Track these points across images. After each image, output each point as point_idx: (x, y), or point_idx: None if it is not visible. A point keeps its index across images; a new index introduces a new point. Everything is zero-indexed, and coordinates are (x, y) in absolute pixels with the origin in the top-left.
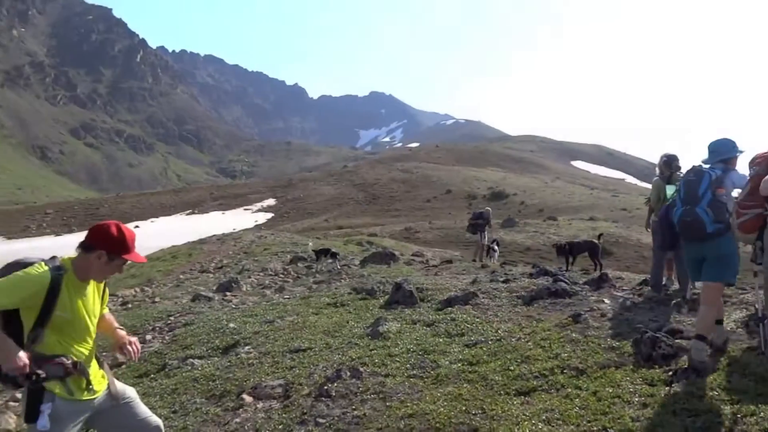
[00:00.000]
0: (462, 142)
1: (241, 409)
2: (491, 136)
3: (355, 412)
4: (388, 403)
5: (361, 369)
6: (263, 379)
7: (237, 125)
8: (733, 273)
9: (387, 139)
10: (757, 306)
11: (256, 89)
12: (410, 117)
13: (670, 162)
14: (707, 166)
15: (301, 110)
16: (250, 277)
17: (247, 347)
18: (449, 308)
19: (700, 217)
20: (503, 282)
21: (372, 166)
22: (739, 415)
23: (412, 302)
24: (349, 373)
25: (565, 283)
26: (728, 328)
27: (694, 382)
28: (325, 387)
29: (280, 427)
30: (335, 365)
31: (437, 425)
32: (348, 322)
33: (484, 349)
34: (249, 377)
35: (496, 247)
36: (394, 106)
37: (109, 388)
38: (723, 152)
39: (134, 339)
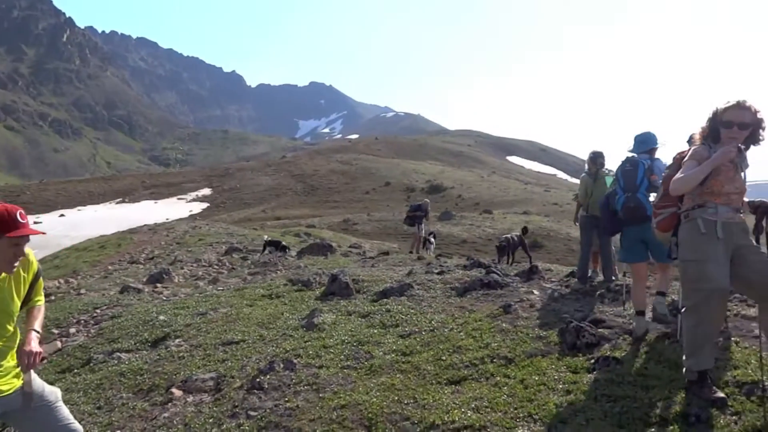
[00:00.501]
0: (402, 135)
1: (170, 404)
2: (430, 130)
3: (288, 404)
4: (321, 395)
5: (295, 361)
6: (194, 373)
7: (171, 112)
8: (666, 255)
9: (326, 130)
10: (674, 297)
11: (192, 75)
12: (350, 108)
13: (596, 159)
14: (635, 155)
15: (238, 98)
16: (182, 269)
17: (177, 340)
18: (385, 299)
19: (642, 201)
20: (438, 274)
21: (311, 157)
22: (653, 400)
23: (348, 293)
24: (282, 365)
25: (497, 275)
26: (648, 318)
27: (614, 369)
28: (258, 379)
29: (210, 420)
30: (269, 357)
31: (369, 415)
32: (283, 314)
33: (418, 339)
34: (179, 371)
35: (432, 240)
36: (334, 97)
37: (23, 387)
38: (648, 143)
39: (36, 349)
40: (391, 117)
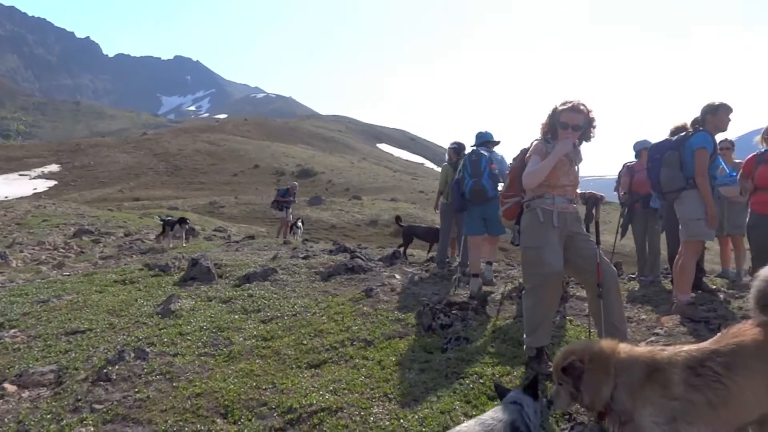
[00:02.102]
0: (272, 117)
1: (1, 400)
2: (302, 114)
3: (138, 395)
4: (175, 384)
5: (148, 349)
6: (31, 366)
7: (12, 77)
8: (501, 228)
9: (192, 108)
10: (520, 280)
11: (38, 38)
12: (219, 87)
13: (458, 149)
14: (476, 148)
15: (93, 67)
16: (22, 252)
17: (12, 330)
18: (247, 284)
19: (485, 185)
20: (303, 258)
21: (175, 135)
22: (497, 375)
23: (209, 278)
24: (133, 355)
25: (362, 259)
26: (496, 299)
27: (465, 348)
28: (105, 370)
29: (48, 416)
30: (118, 347)
31: (226, 403)
32: (137, 301)
33: (280, 324)
34: (13, 364)
35: (300, 225)
36: (202, 74)
37: None
38: (486, 138)
39: None
40: (261, 98)
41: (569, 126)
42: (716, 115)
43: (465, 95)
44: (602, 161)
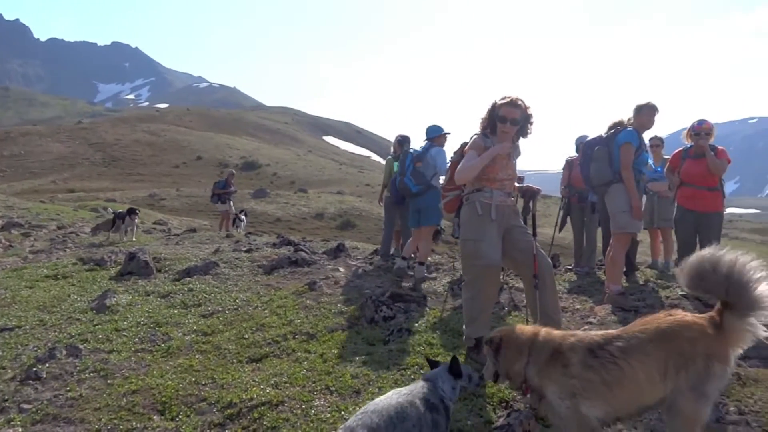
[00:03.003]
0: (215, 107)
1: None
2: (247, 105)
3: (70, 394)
4: (109, 381)
5: (81, 346)
6: None
7: None
8: (436, 219)
9: (131, 96)
10: (460, 273)
11: None
12: (159, 75)
13: (402, 142)
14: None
15: (22, 52)
16: None
17: None
18: (188, 278)
19: (406, 183)
20: (246, 252)
21: (113, 125)
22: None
23: (148, 273)
24: (65, 352)
25: (305, 252)
26: (438, 291)
27: (407, 340)
28: (35, 369)
29: None
30: (49, 344)
31: (163, 399)
32: (70, 296)
33: (221, 318)
34: None
35: (243, 217)
36: (141, 61)
37: None
38: (430, 134)
39: None
40: (204, 88)
41: (507, 120)
42: (641, 113)
43: (412, 88)
44: (547, 156)
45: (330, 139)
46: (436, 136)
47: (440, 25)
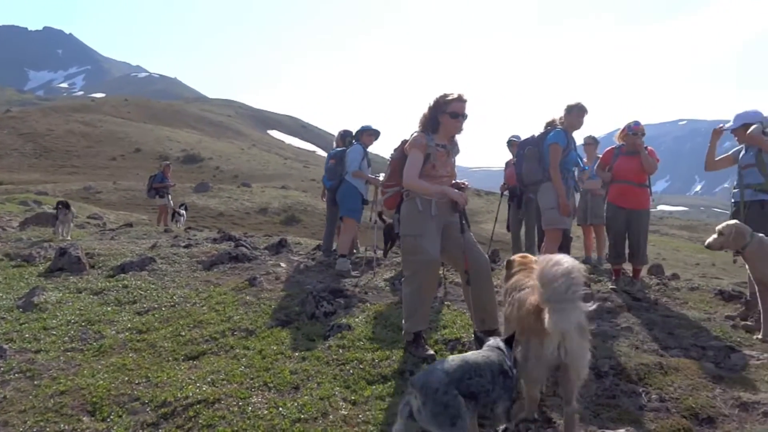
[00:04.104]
0: (155, 98)
1: None
2: (188, 96)
3: None
4: (36, 382)
5: (6, 346)
6: None
7: None
8: (348, 210)
9: (65, 85)
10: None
11: None
12: (95, 63)
13: (344, 137)
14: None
15: None
16: None
17: None
18: (122, 274)
19: (323, 179)
20: (185, 247)
21: (44, 114)
22: (377, 361)
23: (80, 269)
24: None
25: (246, 248)
26: (379, 286)
27: (346, 335)
28: None
29: None
30: None
31: (94, 399)
32: None
33: (157, 315)
34: None
35: (183, 212)
36: (76, 48)
37: None
38: (361, 131)
39: None
40: (143, 78)
41: (459, 115)
42: (571, 114)
43: (358, 84)
44: (492, 153)
45: (274, 133)
46: (360, 133)
47: (389, 21)
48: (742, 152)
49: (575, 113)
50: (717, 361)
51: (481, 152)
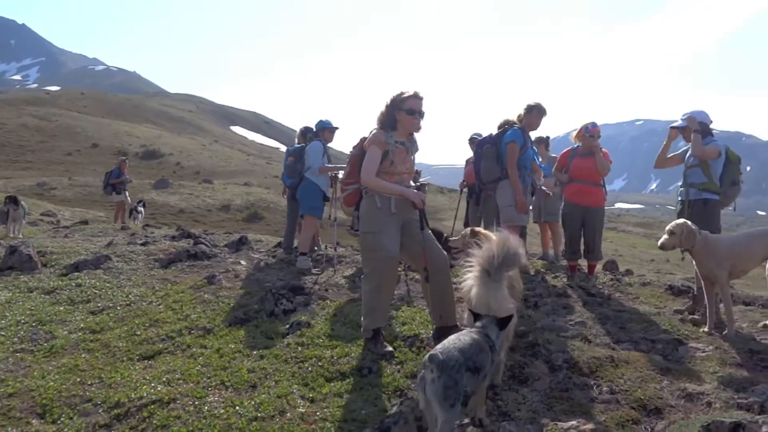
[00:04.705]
0: (113, 92)
1: None
2: (147, 91)
3: None
4: None
5: None
6: None
7: None
8: (308, 209)
9: (18, 77)
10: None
11: None
12: (50, 55)
13: (305, 133)
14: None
15: None
16: None
17: None
18: (76, 273)
19: (282, 177)
20: (142, 245)
21: None
22: (336, 358)
23: (31, 267)
24: None
25: (206, 245)
26: (339, 283)
27: (305, 333)
28: None
29: None
30: None
31: (44, 401)
32: None
33: (111, 315)
34: None
35: (141, 209)
36: (29, 39)
37: None
38: (319, 127)
39: None
40: (101, 71)
41: (416, 111)
42: (531, 114)
43: (323, 79)
44: (456, 151)
45: (237, 129)
46: (320, 129)
47: (354, 18)
48: (689, 152)
49: (535, 113)
50: (665, 354)
51: (446, 150)
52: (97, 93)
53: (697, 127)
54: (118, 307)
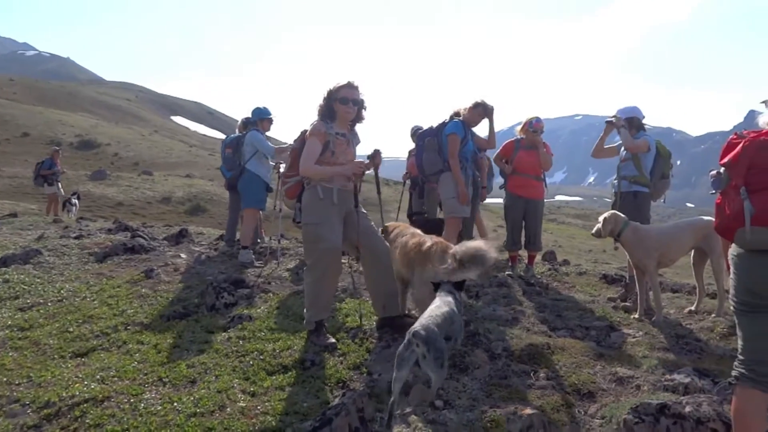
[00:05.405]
0: (45, 78)
1: None
2: (83, 78)
3: None
4: None
5: None
6: None
7: None
8: (251, 201)
9: None
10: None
11: None
12: None
13: (247, 124)
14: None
15: None
16: None
17: None
18: (3, 268)
19: (222, 169)
20: (75, 238)
21: None
22: (278, 351)
23: None
24: None
25: (144, 238)
26: (282, 276)
27: (247, 326)
28: None
29: None
30: None
31: None
32: None
33: (42, 311)
34: None
35: (75, 201)
36: None
37: None
38: (254, 117)
39: None
40: (32, 56)
41: (349, 101)
42: (475, 110)
43: (269, 71)
44: (400, 143)
45: (179, 120)
46: (258, 119)
47: (302, 4)
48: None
49: (479, 111)
50: (599, 340)
51: (389, 142)
52: (28, 79)
53: (622, 123)
54: (49, 303)
